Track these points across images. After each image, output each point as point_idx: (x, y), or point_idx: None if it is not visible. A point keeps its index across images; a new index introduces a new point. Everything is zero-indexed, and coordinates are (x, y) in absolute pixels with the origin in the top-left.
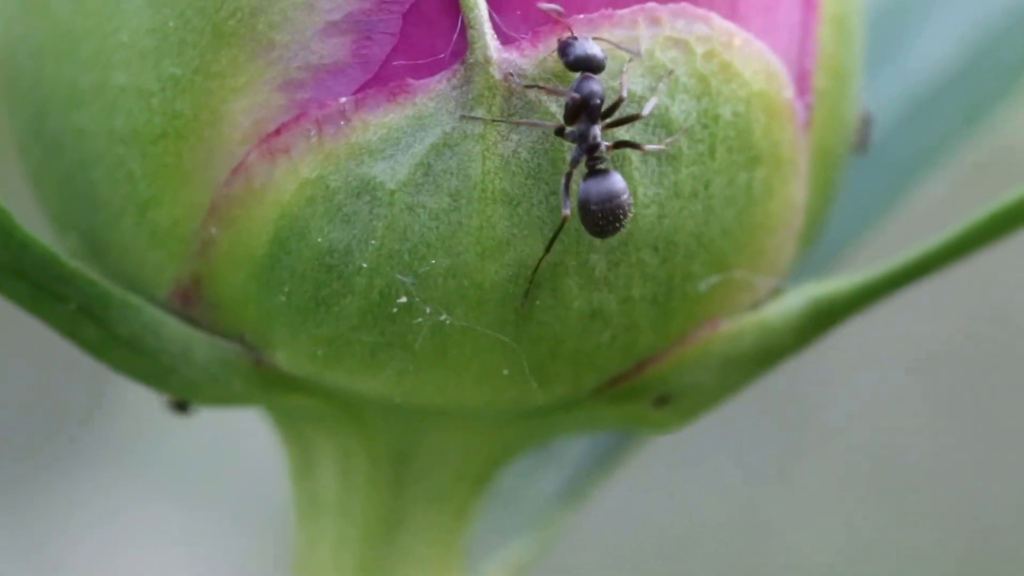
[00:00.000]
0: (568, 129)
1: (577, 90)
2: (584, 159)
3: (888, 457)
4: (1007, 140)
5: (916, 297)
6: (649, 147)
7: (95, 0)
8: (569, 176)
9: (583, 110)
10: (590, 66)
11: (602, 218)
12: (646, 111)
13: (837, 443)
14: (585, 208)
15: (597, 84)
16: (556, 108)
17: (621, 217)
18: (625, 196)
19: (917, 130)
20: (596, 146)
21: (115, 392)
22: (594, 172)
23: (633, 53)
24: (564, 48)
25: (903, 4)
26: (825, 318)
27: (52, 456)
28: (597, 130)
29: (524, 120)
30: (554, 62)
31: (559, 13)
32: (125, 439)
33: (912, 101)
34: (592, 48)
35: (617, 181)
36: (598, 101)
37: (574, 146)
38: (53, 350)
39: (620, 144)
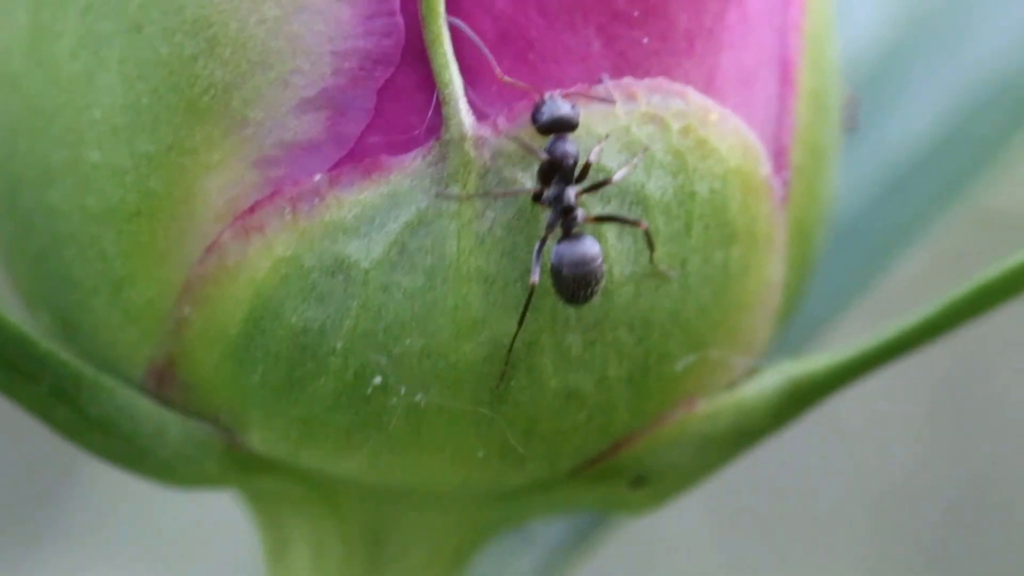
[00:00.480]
0: (544, 193)
1: (550, 151)
2: (559, 223)
3: None
4: (984, 213)
5: None
6: (629, 218)
7: (67, 76)
8: (543, 242)
9: (557, 171)
10: (563, 126)
11: (574, 282)
12: (617, 177)
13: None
14: (557, 272)
15: (571, 144)
16: (531, 184)
17: (593, 283)
18: (598, 261)
19: (894, 206)
20: (571, 208)
21: (88, 468)
22: (568, 235)
23: (608, 101)
24: (536, 110)
25: (879, 78)
26: (803, 398)
27: (23, 533)
28: (571, 192)
29: (500, 191)
30: (530, 137)
31: (527, 87)
32: (97, 516)
33: (889, 176)
34: (564, 108)
35: (591, 245)
36: (572, 162)
37: (549, 211)
38: (25, 424)
39: (601, 218)
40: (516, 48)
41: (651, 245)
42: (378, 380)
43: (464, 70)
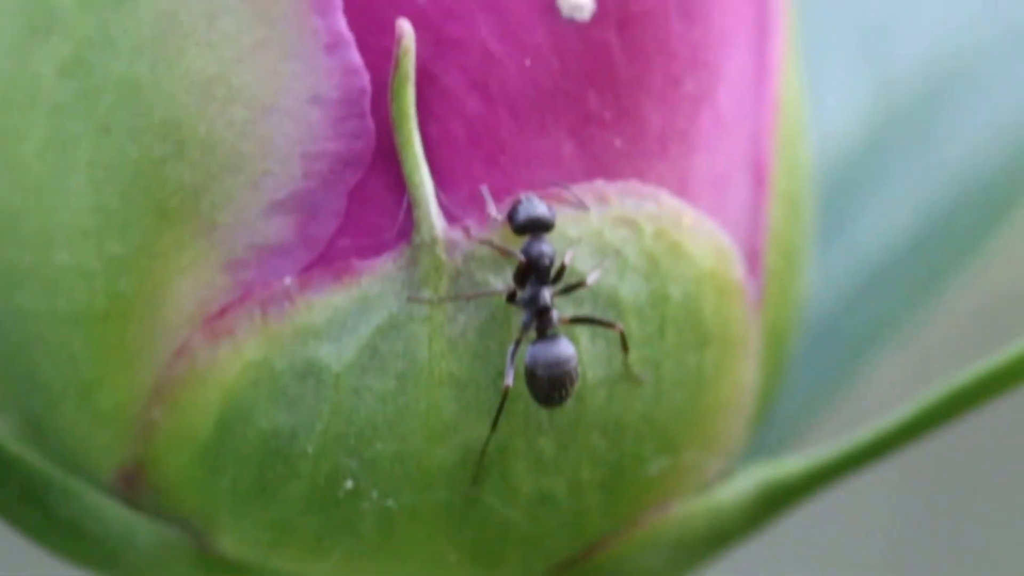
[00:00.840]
0: (518, 294)
1: (526, 251)
2: (533, 324)
3: None
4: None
5: None
6: (604, 320)
7: (35, 178)
8: (517, 344)
9: (532, 272)
10: (538, 226)
11: (548, 384)
12: (591, 280)
13: None
14: (532, 373)
15: (547, 245)
16: (503, 288)
17: (568, 384)
18: (573, 363)
19: (869, 305)
20: (546, 309)
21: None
22: (542, 337)
23: (580, 204)
24: (512, 209)
25: (852, 176)
26: (777, 501)
27: None
28: (547, 293)
29: (474, 293)
30: (502, 240)
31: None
32: None
33: (864, 275)
34: (540, 208)
35: (566, 347)
36: (547, 262)
37: (523, 312)
38: None
39: (576, 319)
40: (487, 150)
41: (625, 347)
42: (350, 484)
43: (435, 173)
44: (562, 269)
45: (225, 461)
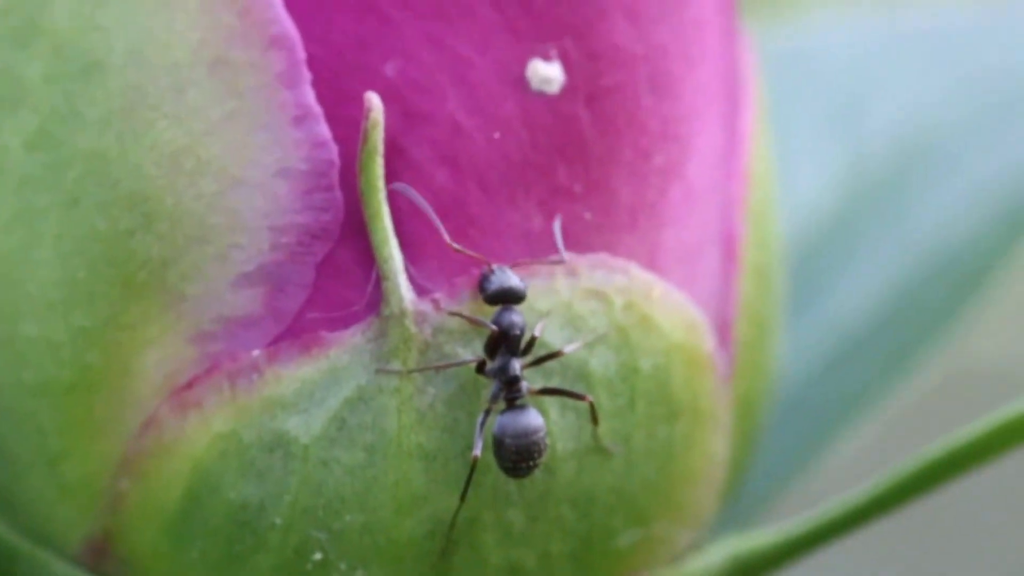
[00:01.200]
0: (488, 365)
1: (497, 322)
2: (503, 395)
3: None
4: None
5: None
6: (574, 392)
7: (2, 251)
8: (486, 414)
9: (503, 342)
10: (509, 298)
11: (516, 454)
12: (568, 349)
13: None
14: (500, 443)
15: (518, 316)
16: (475, 358)
17: (536, 455)
18: (541, 433)
19: (841, 378)
20: (516, 379)
21: None
22: (511, 407)
23: (550, 277)
24: (483, 281)
25: (824, 249)
26: (747, 573)
27: None
28: (517, 364)
29: (444, 364)
30: (469, 311)
31: (477, 256)
32: None
33: (836, 348)
34: (511, 280)
35: (534, 417)
36: (518, 332)
37: (493, 383)
38: None
39: (545, 391)
40: (456, 223)
41: (595, 419)
42: (318, 556)
43: (404, 245)
44: (532, 341)
45: (193, 533)
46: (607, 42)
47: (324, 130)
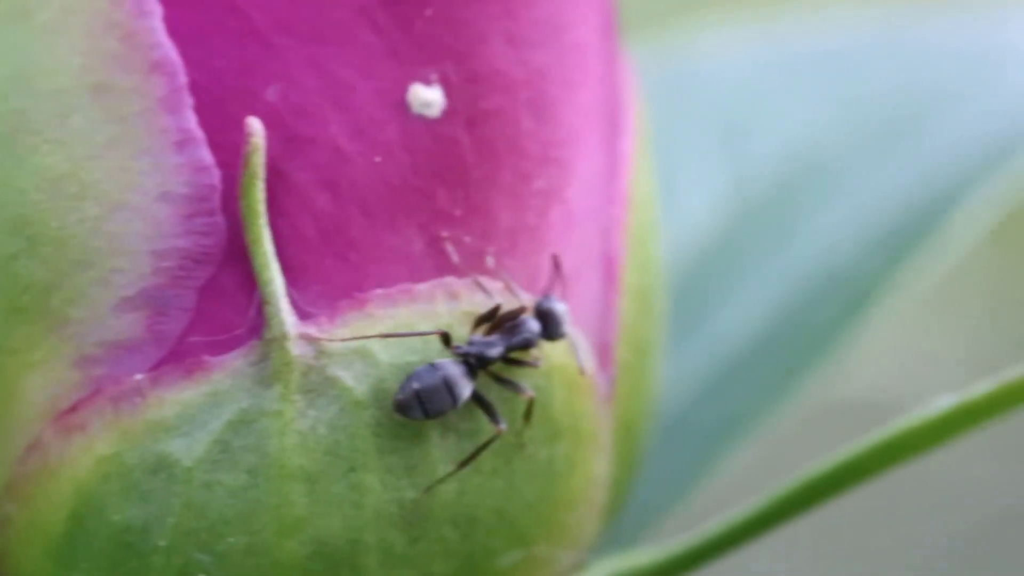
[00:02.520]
0: (473, 336)
1: (538, 310)
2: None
3: None
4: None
5: None
6: (520, 385)
7: None
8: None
9: (515, 331)
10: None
11: (423, 396)
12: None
13: None
14: (408, 384)
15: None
16: (353, 383)
17: (439, 400)
18: (458, 390)
19: (724, 398)
20: (492, 360)
21: None
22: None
23: (430, 300)
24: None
25: (709, 270)
26: None
27: None
28: (503, 349)
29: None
30: (351, 333)
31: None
32: None
33: (719, 369)
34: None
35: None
36: (527, 335)
37: (460, 357)
38: None
39: (499, 379)
40: (337, 247)
41: (528, 416)
42: None
43: (285, 269)
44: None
45: (78, 556)
46: (487, 66)
47: (206, 155)
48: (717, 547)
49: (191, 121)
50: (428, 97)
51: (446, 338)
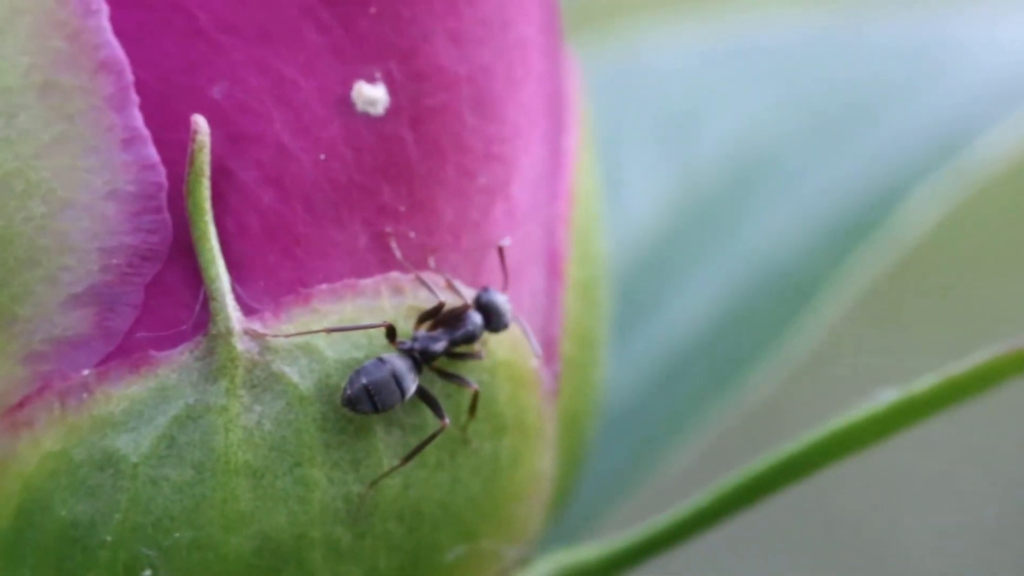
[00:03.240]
0: (417, 332)
1: (477, 303)
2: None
3: None
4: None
5: None
6: (465, 379)
7: None
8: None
9: (456, 324)
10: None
11: (375, 386)
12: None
13: None
14: (357, 378)
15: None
16: (299, 379)
17: (385, 394)
18: (406, 384)
19: (670, 393)
20: (437, 354)
21: None
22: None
23: (375, 296)
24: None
25: (655, 266)
26: None
27: None
28: (446, 343)
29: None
30: (295, 329)
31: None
32: None
33: (665, 364)
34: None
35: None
36: (470, 327)
37: (405, 351)
38: None
39: (443, 374)
40: (283, 243)
41: (473, 409)
42: (148, 573)
43: (231, 266)
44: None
45: (25, 551)
46: (431, 64)
47: (152, 153)
48: (663, 541)
49: (138, 119)
50: (372, 95)
51: (391, 331)
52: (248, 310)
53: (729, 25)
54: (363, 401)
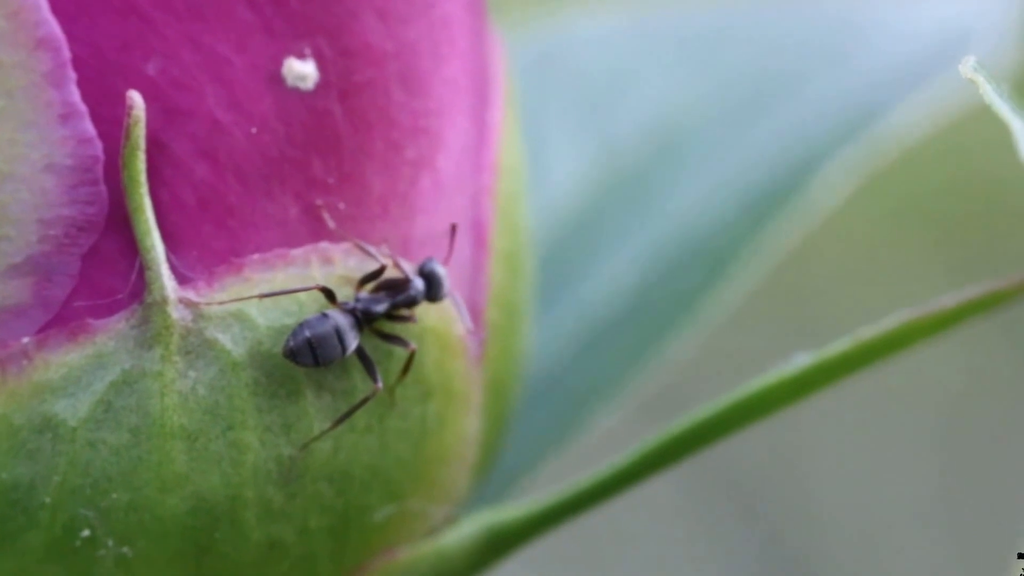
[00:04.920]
0: (358, 294)
1: (421, 271)
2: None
3: None
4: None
5: None
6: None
7: None
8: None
9: (398, 289)
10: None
11: (314, 343)
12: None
13: None
14: (300, 331)
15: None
16: (231, 345)
17: (328, 348)
18: (348, 339)
19: (592, 361)
20: (377, 315)
21: None
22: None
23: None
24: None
25: (578, 236)
26: (499, 544)
27: None
28: (386, 305)
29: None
30: (228, 297)
31: None
32: None
33: (587, 333)
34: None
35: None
36: (412, 293)
37: (347, 311)
38: None
39: (382, 335)
40: (215, 214)
41: (407, 369)
42: (86, 533)
43: (166, 237)
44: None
45: None
46: (359, 40)
47: (89, 127)
48: (584, 501)
49: (75, 95)
50: (302, 71)
51: (327, 292)
52: (182, 279)
53: (647, 13)
54: (305, 354)
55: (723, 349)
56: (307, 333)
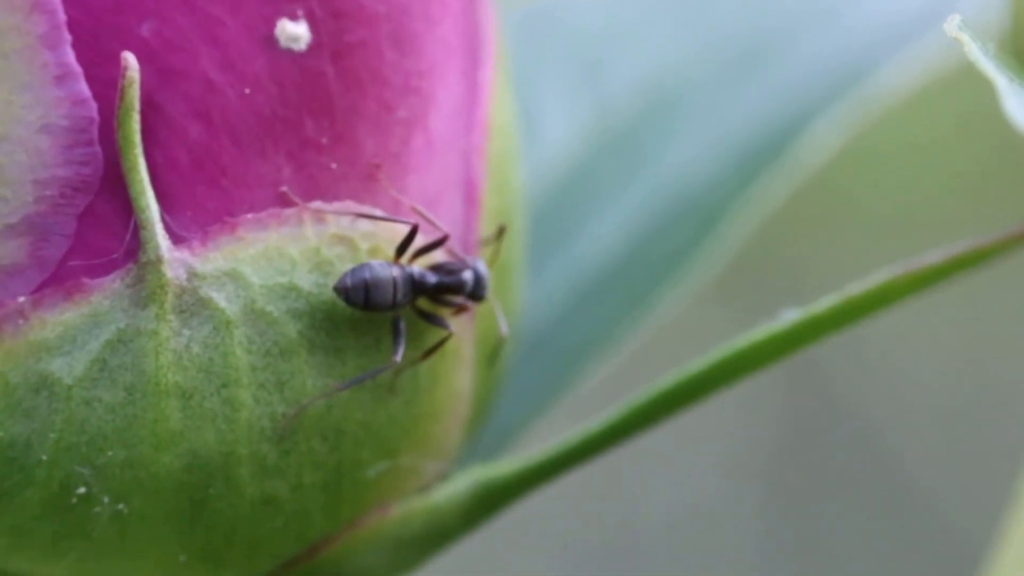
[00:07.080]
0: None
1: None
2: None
3: None
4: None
5: None
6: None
7: None
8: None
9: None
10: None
11: (371, 284)
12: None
13: None
14: (360, 270)
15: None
16: (225, 304)
17: (383, 291)
18: (399, 285)
19: (583, 318)
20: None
21: None
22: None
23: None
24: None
25: (570, 193)
26: (492, 500)
27: None
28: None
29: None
30: (223, 259)
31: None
32: None
33: (579, 289)
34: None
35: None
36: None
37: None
38: None
39: (422, 314)
40: (209, 174)
41: (432, 351)
42: (82, 490)
43: (160, 197)
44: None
45: None
46: (351, 2)
47: (84, 88)
48: (574, 457)
49: (70, 57)
50: (295, 31)
51: (413, 231)
52: (177, 239)
53: None
54: (359, 293)
55: (715, 311)
56: (367, 274)
